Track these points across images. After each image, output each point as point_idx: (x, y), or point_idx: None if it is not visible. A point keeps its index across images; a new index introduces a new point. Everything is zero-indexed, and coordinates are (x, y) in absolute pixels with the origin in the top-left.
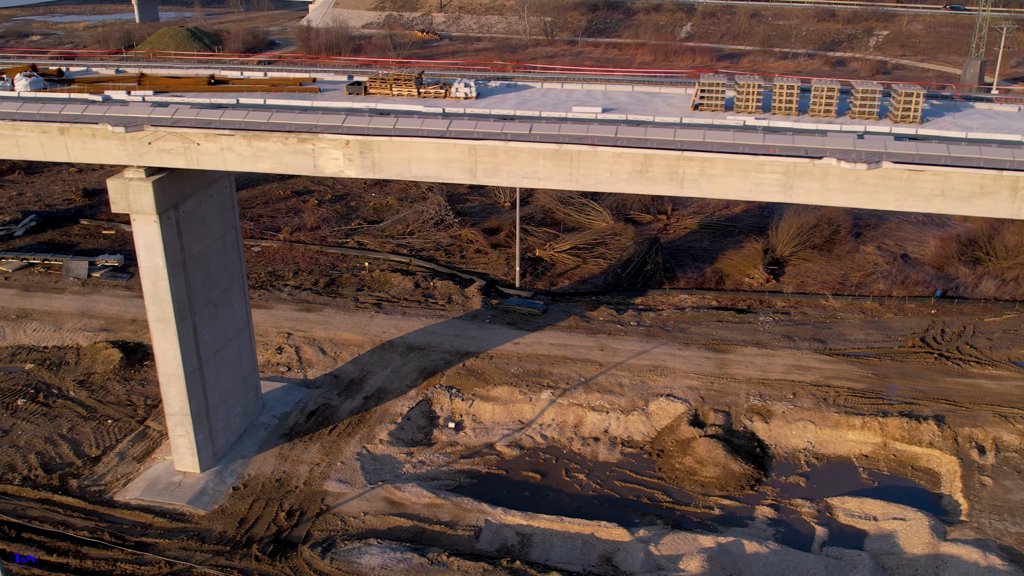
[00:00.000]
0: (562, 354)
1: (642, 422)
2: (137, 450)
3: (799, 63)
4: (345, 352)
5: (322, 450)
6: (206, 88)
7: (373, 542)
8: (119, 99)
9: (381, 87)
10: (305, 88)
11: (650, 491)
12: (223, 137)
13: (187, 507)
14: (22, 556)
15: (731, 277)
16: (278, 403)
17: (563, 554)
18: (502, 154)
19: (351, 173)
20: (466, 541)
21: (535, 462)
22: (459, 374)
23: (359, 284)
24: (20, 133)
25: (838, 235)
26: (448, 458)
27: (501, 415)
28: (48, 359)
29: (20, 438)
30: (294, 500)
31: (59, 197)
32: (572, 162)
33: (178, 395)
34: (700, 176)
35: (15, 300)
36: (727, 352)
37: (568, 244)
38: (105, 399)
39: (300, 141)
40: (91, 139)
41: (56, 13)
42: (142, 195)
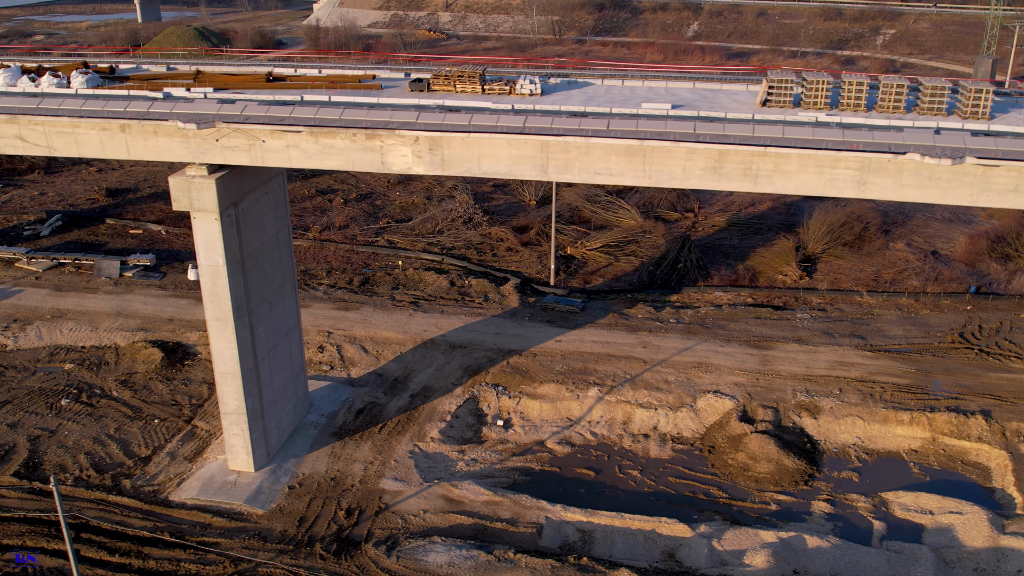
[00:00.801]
0: (605, 351)
1: (691, 419)
2: (187, 450)
3: (808, 61)
4: (387, 350)
5: (374, 448)
6: (264, 85)
7: (437, 540)
8: (180, 96)
9: (444, 84)
10: (365, 85)
11: (705, 487)
12: (289, 134)
13: (245, 506)
14: (22, 556)
15: (764, 274)
16: (325, 402)
17: (626, 550)
18: (575, 150)
19: (419, 170)
20: (529, 538)
21: (587, 459)
22: (504, 372)
23: (393, 283)
24: (80, 131)
25: (868, 232)
26: (500, 456)
27: (549, 412)
28: (87, 359)
29: (68, 438)
30: (352, 499)
31: (82, 196)
32: (646, 158)
33: (234, 394)
34: (774, 172)
35: (48, 300)
36: (769, 349)
37: (600, 242)
38: (149, 399)
39: (368, 138)
40: (153, 136)
41: (57, 13)
42: (204, 193)
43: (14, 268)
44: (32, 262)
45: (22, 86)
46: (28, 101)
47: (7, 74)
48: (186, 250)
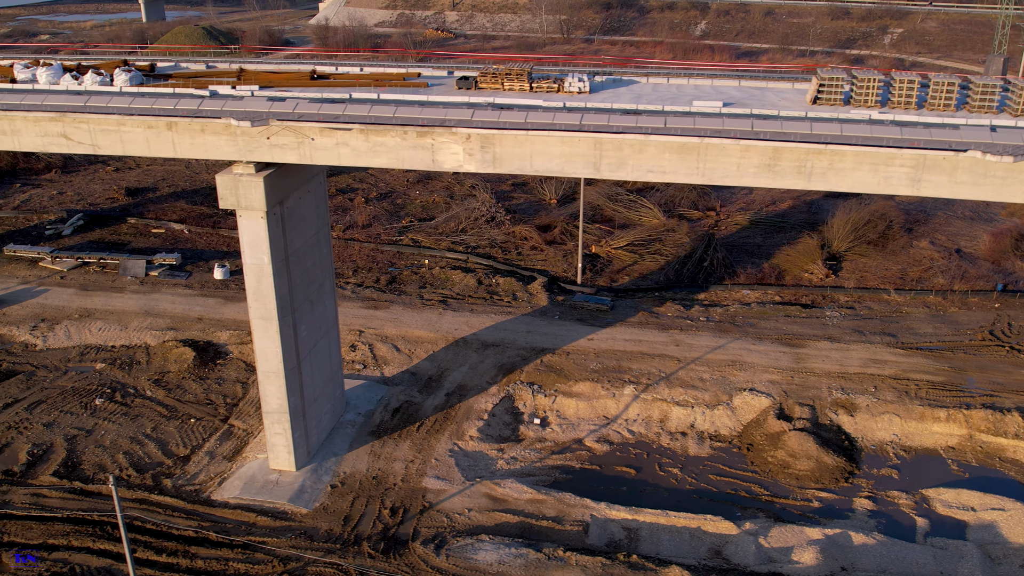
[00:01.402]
0: (638, 350)
1: (727, 416)
2: (226, 449)
3: (817, 60)
4: (419, 349)
5: (413, 447)
6: (308, 83)
7: (485, 538)
8: (227, 94)
9: (492, 82)
10: (410, 83)
11: (746, 484)
12: (339, 132)
13: (289, 505)
14: (22, 556)
15: (790, 273)
16: (360, 400)
17: (672, 548)
18: (628, 148)
19: (470, 168)
20: (575, 536)
21: (627, 457)
22: (538, 370)
23: (420, 281)
24: (125, 129)
25: (891, 230)
26: (539, 454)
27: (585, 411)
28: (118, 358)
29: (105, 438)
30: (395, 497)
31: (101, 196)
32: (700, 156)
33: (277, 393)
34: (828, 170)
35: (75, 299)
36: (801, 347)
37: (625, 240)
38: (184, 398)
39: (420, 135)
40: (200, 134)
41: (60, 12)
42: (252, 191)
43: (38, 267)
44: (56, 261)
45: (65, 84)
46: (75, 99)
47: (49, 72)
48: (210, 249)
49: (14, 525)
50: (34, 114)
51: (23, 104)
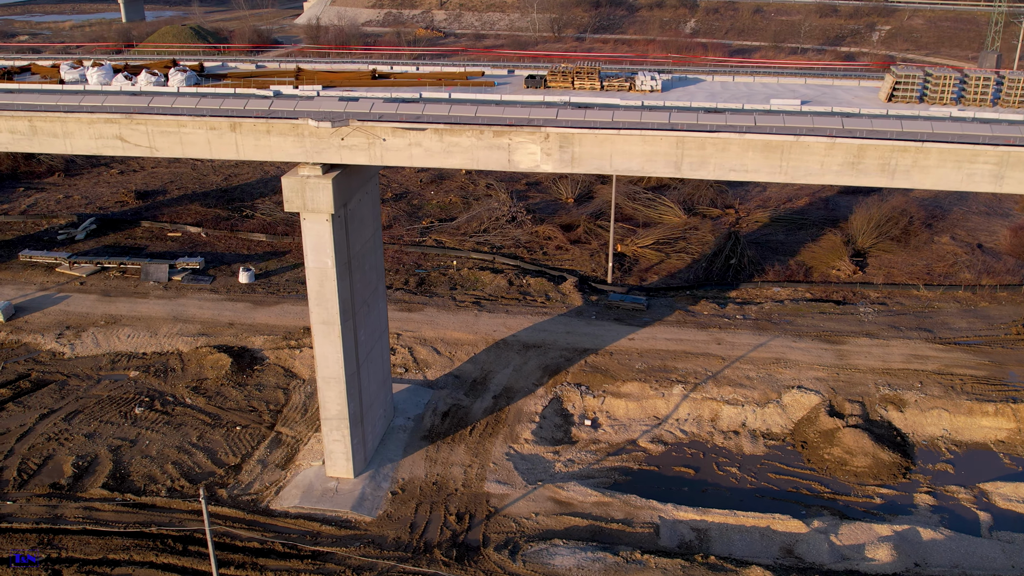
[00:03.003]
0: (680, 349)
1: (778, 414)
2: (277, 457)
3: (809, 57)
4: (460, 352)
5: (468, 451)
6: (370, 82)
7: (559, 543)
8: (290, 94)
9: (562, 81)
10: (473, 82)
11: (806, 482)
12: (412, 132)
13: (352, 513)
14: (22, 556)
15: (817, 269)
16: (407, 405)
17: (744, 547)
18: (711, 146)
19: (547, 168)
20: (647, 538)
21: (683, 457)
22: (584, 371)
23: (450, 283)
24: (186, 130)
25: (912, 226)
26: (595, 456)
27: (636, 411)
28: (151, 366)
29: (150, 447)
30: (458, 503)
31: (110, 199)
32: (783, 154)
33: (337, 399)
34: (912, 167)
35: (99, 305)
36: (841, 343)
37: (650, 239)
38: (225, 405)
39: (496, 135)
40: (265, 135)
41: (35, 12)
42: (320, 193)
43: (55, 273)
44: (75, 267)
45: (117, 85)
46: (137, 100)
47: (101, 72)
48: (230, 252)
49: (71, 540)
50: (88, 116)
51: (84, 106)
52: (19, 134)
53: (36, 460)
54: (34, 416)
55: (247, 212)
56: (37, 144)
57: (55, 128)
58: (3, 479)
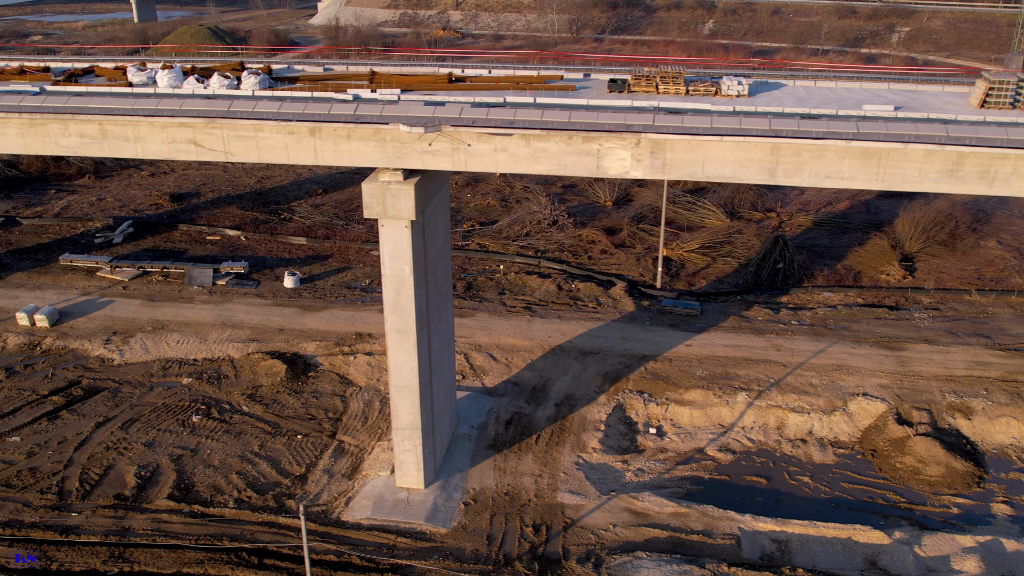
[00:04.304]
0: (740, 355)
1: (845, 422)
2: (342, 466)
3: (830, 59)
4: (516, 358)
5: (537, 461)
6: (447, 86)
7: (642, 555)
8: (370, 98)
9: (645, 85)
10: (551, 86)
11: (880, 492)
12: (498, 138)
13: (426, 525)
14: (22, 556)
15: (865, 274)
16: (469, 413)
17: (827, 559)
18: (806, 153)
19: (637, 174)
20: (730, 550)
21: (753, 466)
22: (645, 378)
23: (498, 287)
24: (263, 134)
25: (958, 230)
26: (664, 465)
27: (700, 419)
28: (204, 372)
29: (212, 457)
30: (533, 514)
31: (144, 202)
32: (880, 161)
33: (410, 408)
34: (1012, 175)
35: (144, 311)
36: (901, 350)
37: (696, 243)
38: (283, 413)
39: (585, 140)
40: (345, 140)
41: (46, 12)
42: (401, 199)
43: (96, 278)
44: (116, 271)
45: (189, 87)
46: (215, 104)
47: (171, 75)
48: (271, 256)
49: (142, 554)
50: (162, 120)
51: (163, 109)
52: (89, 138)
53: (97, 470)
54: (90, 424)
55: (285, 215)
56: (107, 148)
57: (126, 132)
58: (65, 489)
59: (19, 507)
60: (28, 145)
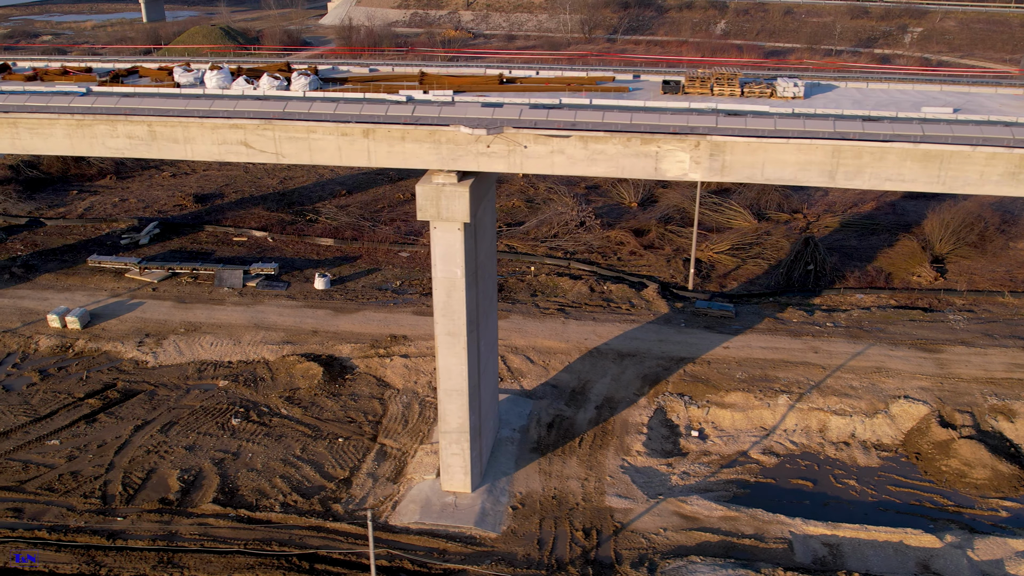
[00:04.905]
0: (778, 357)
1: (887, 425)
2: (386, 470)
3: (844, 60)
4: (553, 360)
5: (582, 464)
6: (497, 87)
7: (696, 559)
8: (423, 99)
9: (700, 87)
10: (603, 87)
11: (927, 495)
12: (555, 139)
13: (476, 530)
14: (22, 556)
15: (896, 276)
16: (510, 415)
17: (879, 563)
18: (867, 155)
19: (696, 176)
20: (782, 554)
21: (797, 469)
22: (684, 381)
23: (529, 289)
24: (315, 136)
25: (988, 231)
26: (709, 468)
27: (742, 422)
28: (239, 375)
29: (254, 460)
30: (582, 518)
31: (167, 202)
32: (942, 164)
33: (458, 412)
34: None
35: (175, 312)
36: (939, 352)
37: (726, 244)
38: (322, 416)
39: (644, 143)
40: (399, 142)
41: (54, 12)
42: (456, 201)
43: (125, 279)
44: (145, 272)
45: (238, 88)
46: (269, 105)
47: (220, 75)
48: (299, 258)
49: (191, 559)
50: (212, 121)
51: (217, 110)
52: (137, 139)
53: (139, 474)
54: (128, 428)
55: (310, 216)
56: (155, 150)
57: (176, 133)
58: (109, 493)
59: (63, 511)
60: (75, 146)
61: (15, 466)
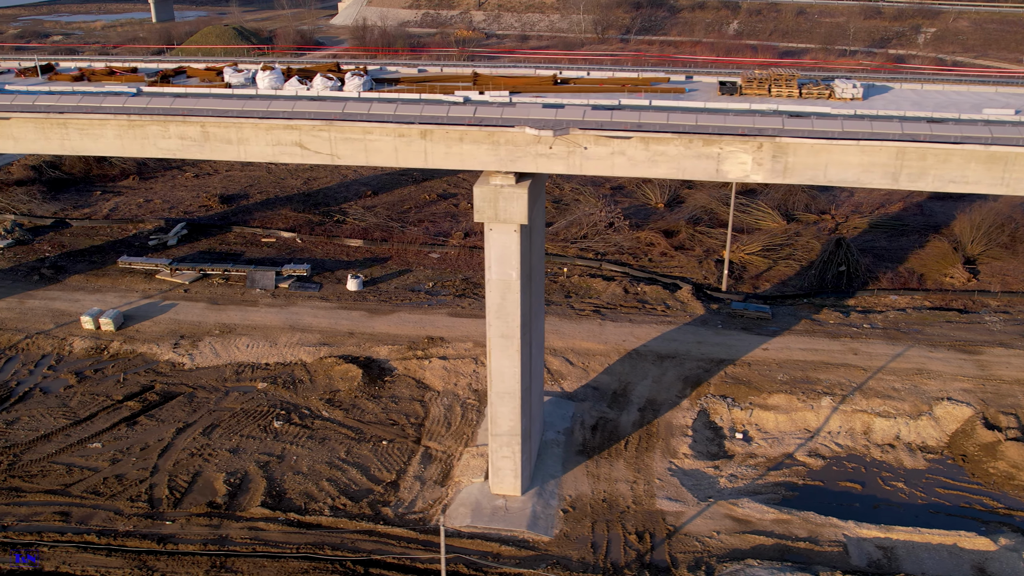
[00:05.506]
0: (818, 359)
1: (932, 427)
2: (433, 473)
3: (859, 60)
4: (593, 362)
5: (629, 467)
6: (552, 88)
7: (753, 563)
8: (480, 100)
9: (757, 88)
10: (657, 88)
11: (976, 497)
12: (616, 141)
13: (528, 533)
14: (22, 556)
15: (928, 277)
16: (553, 418)
17: (934, 566)
18: (932, 157)
19: (757, 178)
20: (838, 557)
21: (844, 471)
22: (725, 383)
23: (563, 290)
24: (372, 137)
25: (1018, 232)
26: (756, 470)
27: (785, 424)
28: (278, 377)
29: (300, 463)
30: (634, 521)
31: (192, 203)
32: (1006, 166)
33: (510, 415)
34: None
35: (209, 314)
36: (978, 353)
37: (757, 246)
38: (364, 418)
39: (705, 144)
40: (457, 143)
41: (62, 12)
42: (514, 203)
43: (156, 280)
44: (176, 274)
45: (291, 89)
46: (328, 106)
47: (272, 76)
48: (329, 259)
49: (244, 564)
50: (267, 122)
51: (276, 111)
52: (189, 140)
53: (184, 477)
54: (170, 430)
55: (338, 217)
56: (208, 151)
57: (229, 134)
58: (155, 497)
59: (111, 515)
60: (125, 147)
61: (59, 469)
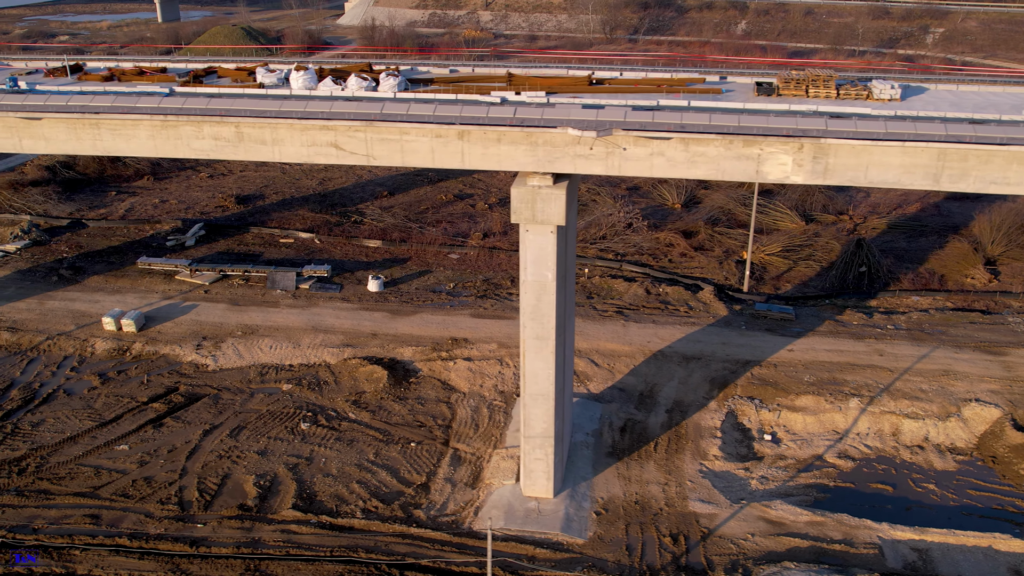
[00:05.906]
0: (843, 360)
1: (960, 428)
2: (463, 475)
3: (868, 60)
4: (618, 363)
5: (660, 468)
6: (587, 88)
7: (791, 565)
8: (517, 100)
9: (795, 88)
10: (692, 89)
11: (1008, 499)
12: (655, 142)
13: (562, 535)
14: (22, 556)
15: (949, 278)
16: (581, 419)
17: (971, 568)
18: (973, 159)
19: (797, 179)
20: (875, 560)
21: (875, 473)
22: (752, 384)
23: (584, 291)
24: (408, 137)
25: None
26: (786, 472)
27: (814, 425)
28: (302, 378)
29: (329, 466)
30: (668, 523)
31: (208, 204)
32: None
33: (544, 417)
34: None
35: (230, 315)
36: (1004, 354)
37: (777, 246)
38: (391, 420)
39: (745, 145)
40: (495, 144)
41: (67, 12)
42: (551, 204)
43: (176, 281)
44: (196, 275)
45: (325, 89)
46: (366, 106)
47: (306, 76)
48: (348, 260)
49: (279, 567)
50: (302, 122)
51: (314, 112)
52: (223, 140)
53: (214, 479)
54: (197, 432)
55: (355, 218)
56: (242, 151)
57: (264, 135)
58: (185, 499)
59: (141, 518)
60: (158, 148)
61: (86, 471)
